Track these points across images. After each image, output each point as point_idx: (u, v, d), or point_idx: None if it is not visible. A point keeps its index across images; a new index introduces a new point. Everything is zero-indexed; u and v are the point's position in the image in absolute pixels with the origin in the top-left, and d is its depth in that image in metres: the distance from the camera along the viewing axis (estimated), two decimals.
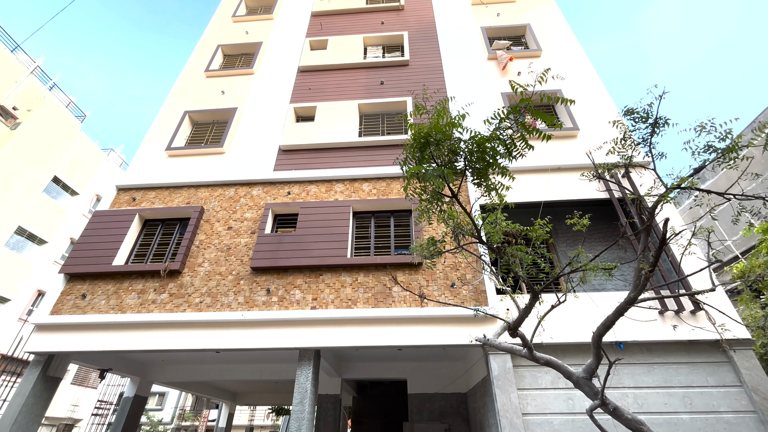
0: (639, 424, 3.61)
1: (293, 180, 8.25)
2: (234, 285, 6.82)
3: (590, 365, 3.89)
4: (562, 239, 7.34)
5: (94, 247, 7.43)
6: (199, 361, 9.29)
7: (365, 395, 12.16)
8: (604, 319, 3.79)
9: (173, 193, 8.36)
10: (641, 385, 5.43)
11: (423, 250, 3.88)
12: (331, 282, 6.73)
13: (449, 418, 8.13)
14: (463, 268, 6.63)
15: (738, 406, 5.17)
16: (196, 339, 6.28)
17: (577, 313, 5.74)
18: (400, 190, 7.80)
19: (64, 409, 18.57)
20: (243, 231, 7.54)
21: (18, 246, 16.74)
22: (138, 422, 9.52)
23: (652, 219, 3.15)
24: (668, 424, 5.10)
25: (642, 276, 3.45)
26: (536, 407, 5.35)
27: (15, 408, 6.10)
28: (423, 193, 3.33)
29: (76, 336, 6.46)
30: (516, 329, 3.98)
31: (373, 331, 6.12)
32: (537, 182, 7.41)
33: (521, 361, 5.64)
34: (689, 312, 5.73)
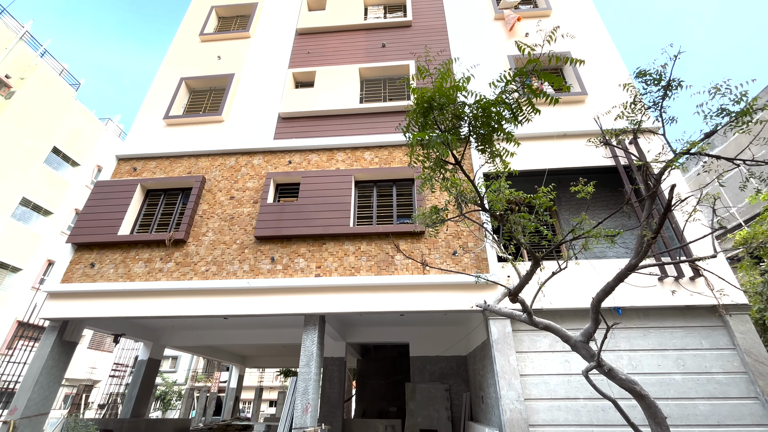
0: (632, 383, 3.75)
1: (294, 149, 8.14)
2: (239, 254, 6.92)
3: (588, 329, 3.99)
4: (565, 207, 7.31)
5: (99, 217, 7.49)
6: (208, 326, 9.63)
7: (369, 358, 12.66)
8: (604, 285, 3.84)
9: (174, 162, 8.29)
10: (636, 348, 5.59)
11: (426, 219, 3.88)
12: (335, 250, 6.80)
13: (449, 378, 8.48)
14: (465, 237, 6.66)
15: (730, 367, 5.34)
16: (203, 306, 6.46)
17: (577, 280, 5.82)
18: (402, 159, 7.70)
19: (83, 371, 19.53)
20: (245, 200, 7.54)
21: (24, 217, 16.92)
22: (153, 383, 10.03)
23: (658, 185, 3.10)
24: (660, 384, 5.29)
25: (644, 243, 3.46)
26: (534, 369, 5.55)
27: (35, 370, 6.40)
28: (426, 160, 3.28)
29: (88, 303, 6.65)
30: (516, 295, 4.05)
31: (376, 298, 6.26)
32: (542, 149, 7.28)
33: (520, 326, 5.79)
34: (688, 278, 5.79)
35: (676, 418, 4.99)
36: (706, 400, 5.18)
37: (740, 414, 5.05)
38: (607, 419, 5.12)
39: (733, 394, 5.18)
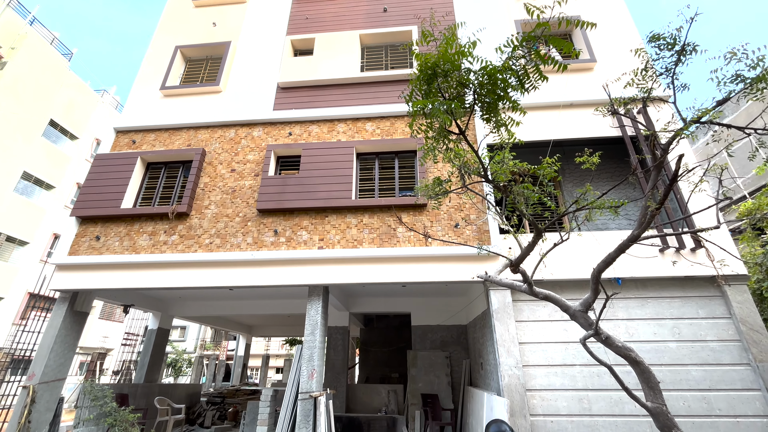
0: (628, 350, 3.85)
1: (294, 120, 7.99)
2: (242, 226, 6.96)
3: (587, 299, 4.06)
4: (569, 179, 7.24)
5: (101, 190, 7.50)
6: (214, 297, 9.85)
7: (372, 327, 13.03)
8: (605, 256, 3.86)
9: (173, 135, 8.18)
10: (634, 317, 5.71)
11: (428, 191, 3.85)
12: (337, 223, 6.83)
13: (450, 346, 8.75)
14: (467, 209, 6.65)
15: (724, 335, 5.47)
16: (209, 277, 6.57)
17: (579, 251, 5.86)
18: (404, 130, 7.56)
19: (96, 339, 20.24)
20: (246, 173, 7.49)
21: (27, 191, 16.95)
22: (164, 351, 10.40)
23: (665, 155, 3.04)
24: (655, 351, 5.45)
25: (648, 214, 3.44)
26: (532, 337, 5.70)
27: (50, 338, 6.63)
28: (429, 130, 3.21)
29: (95, 274, 6.78)
30: (518, 266, 4.09)
31: (378, 269, 6.35)
32: (547, 119, 7.12)
33: (520, 296, 5.89)
34: (690, 250, 5.82)
35: (668, 383, 5.16)
36: (698, 366, 5.34)
37: (731, 379, 5.22)
38: (601, 384, 5.31)
39: (725, 361, 5.33)
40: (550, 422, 5.20)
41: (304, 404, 5.76)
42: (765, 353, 5.21)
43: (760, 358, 5.19)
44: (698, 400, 5.16)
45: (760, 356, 5.20)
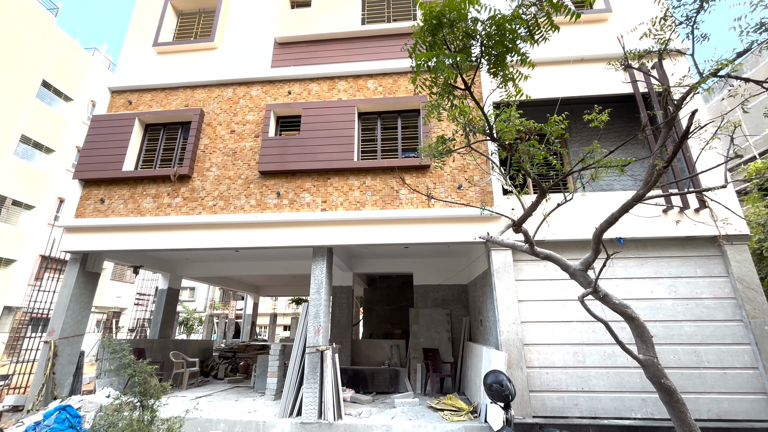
0: (624, 307, 3.96)
1: (293, 78, 7.71)
2: (244, 189, 6.95)
3: (588, 258, 4.11)
4: (576, 139, 7.08)
5: (101, 152, 7.44)
6: (221, 258, 10.06)
7: (375, 287, 13.40)
8: (608, 216, 3.86)
9: (170, 95, 7.96)
10: (632, 276, 5.81)
11: (432, 150, 3.79)
12: (339, 185, 6.80)
13: (451, 305, 9.03)
14: (471, 170, 6.58)
15: (720, 293, 5.59)
16: (214, 238, 6.68)
17: (581, 212, 5.85)
18: (408, 88, 7.30)
19: (110, 299, 21.02)
20: (246, 134, 7.36)
21: (27, 155, 16.85)
22: (175, 310, 10.81)
23: (679, 110, 2.94)
24: (651, 308, 5.60)
25: (655, 172, 3.39)
26: (531, 295, 5.85)
27: (65, 297, 6.88)
28: (434, 85, 3.09)
29: (103, 236, 6.90)
30: (520, 225, 4.11)
31: (381, 231, 6.41)
32: (555, 76, 6.83)
33: (521, 256, 5.98)
34: (693, 210, 5.80)
35: (661, 337, 5.36)
36: (692, 322, 5.51)
37: (722, 334, 5.41)
38: (596, 339, 5.52)
39: (718, 317, 5.49)
40: (545, 374, 5.48)
41: (311, 357, 6.06)
42: (758, 310, 5.35)
43: (753, 314, 5.34)
44: (688, 353, 5.38)
45: (753, 313, 5.34)
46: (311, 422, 5.63)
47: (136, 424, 4.38)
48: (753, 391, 5.13)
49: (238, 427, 5.71)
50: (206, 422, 5.74)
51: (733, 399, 5.13)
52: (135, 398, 4.66)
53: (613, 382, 5.35)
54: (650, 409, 5.16)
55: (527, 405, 5.26)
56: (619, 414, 5.20)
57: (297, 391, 6.06)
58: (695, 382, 5.24)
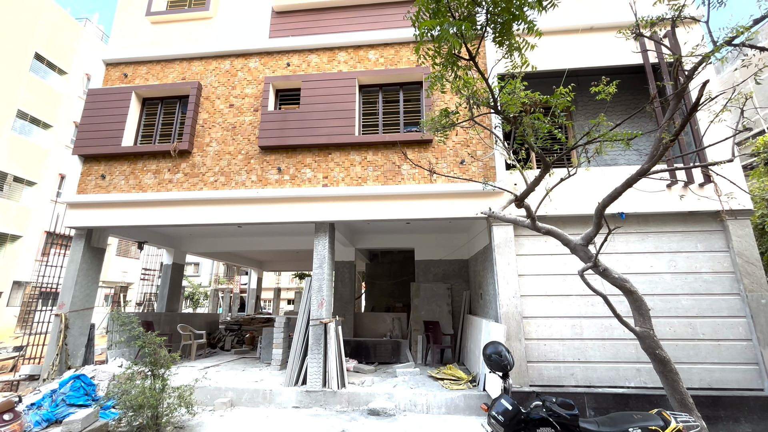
0: (623, 281, 4.01)
1: (292, 49, 7.48)
2: (245, 164, 6.91)
3: (589, 233, 4.12)
4: (581, 112, 6.93)
5: (100, 128, 7.35)
6: (224, 234, 10.14)
7: (377, 262, 13.55)
8: (612, 191, 3.84)
9: (166, 67, 7.76)
10: (633, 251, 5.84)
11: (435, 123, 3.72)
12: (341, 161, 6.74)
13: (451, 279, 9.17)
14: (473, 145, 6.49)
15: (719, 267, 5.63)
16: (216, 214, 6.70)
17: (584, 187, 5.81)
18: (410, 59, 7.09)
19: (117, 274, 21.40)
20: (245, 108, 7.23)
21: (25, 131, 16.67)
22: (180, 284, 11.01)
23: (690, 80, 2.85)
24: (650, 282, 5.66)
25: (662, 146, 3.34)
26: (531, 269, 5.91)
27: (73, 272, 7.00)
28: (437, 55, 2.99)
29: (105, 212, 6.94)
30: (523, 200, 4.09)
31: (383, 206, 6.40)
32: (562, 46, 6.59)
33: (522, 231, 6.00)
34: (698, 184, 5.75)
35: (658, 310, 5.45)
36: (689, 295, 5.59)
37: (719, 307, 5.50)
38: (594, 312, 5.62)
39: (716, 291, 5.56)
40: (543, 345, 5.62)
41: (315, 329, 6.22)
42: (756, 284, 5.41)
43: (750, 288, 5.40)
44: (684, 325, 5.49)
45: (751, 287, 5.40)
46: (316, 390, 5.85)
47: (149, 392, 4.56)
48: (745, 362, 5.27)
49: (246, 395, 5.95)
50: (215, 390, 5.98)
51: (726, 369, 5.28)
52: (146, 368, 4.84)
53: (609, 353, 5.50)
54: (644, 378, 5.33)
55: (525, 375, 5.43)
56: (613, 383, 5.38)
57: (302, 362, 6.27)
58: (689, 353, 5.38)
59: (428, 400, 5.57)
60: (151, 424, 4.57)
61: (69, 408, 5.32)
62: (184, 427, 4.92)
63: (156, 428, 4.61)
